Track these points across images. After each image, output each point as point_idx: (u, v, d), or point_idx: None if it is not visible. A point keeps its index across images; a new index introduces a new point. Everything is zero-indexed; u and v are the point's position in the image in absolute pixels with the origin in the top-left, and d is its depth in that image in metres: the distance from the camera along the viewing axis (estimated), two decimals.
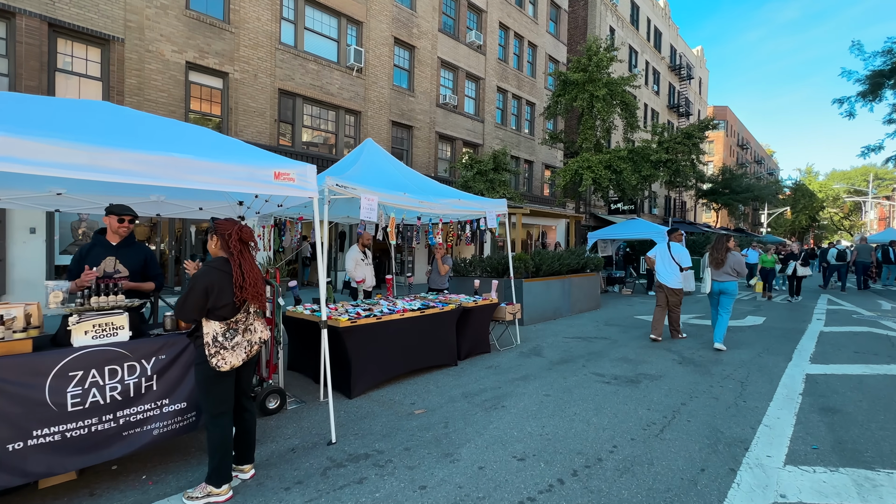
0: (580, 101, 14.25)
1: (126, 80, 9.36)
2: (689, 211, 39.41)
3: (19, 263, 8.24)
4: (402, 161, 15.58)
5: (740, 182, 33.15)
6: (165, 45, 9.85)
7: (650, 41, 31.96)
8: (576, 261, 9.92)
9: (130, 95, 9.43)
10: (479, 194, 11.85)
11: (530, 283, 8.59)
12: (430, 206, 5.56)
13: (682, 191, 34.59)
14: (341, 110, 13.35)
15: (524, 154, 20.61)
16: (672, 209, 36.11)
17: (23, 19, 8.25)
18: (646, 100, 31.11)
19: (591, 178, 13.37)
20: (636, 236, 13.72)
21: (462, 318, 5.73)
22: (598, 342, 6.91)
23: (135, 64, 9.46)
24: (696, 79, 40.74)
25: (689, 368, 5.40)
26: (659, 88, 33.44)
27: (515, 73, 20.04)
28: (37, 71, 8.39)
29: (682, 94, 36.66)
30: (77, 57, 9.02)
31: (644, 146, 13.99)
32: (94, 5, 8.96)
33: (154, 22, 9.68)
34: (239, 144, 3.29)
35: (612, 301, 12.13)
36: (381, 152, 6.51)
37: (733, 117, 55.08)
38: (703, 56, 43.28)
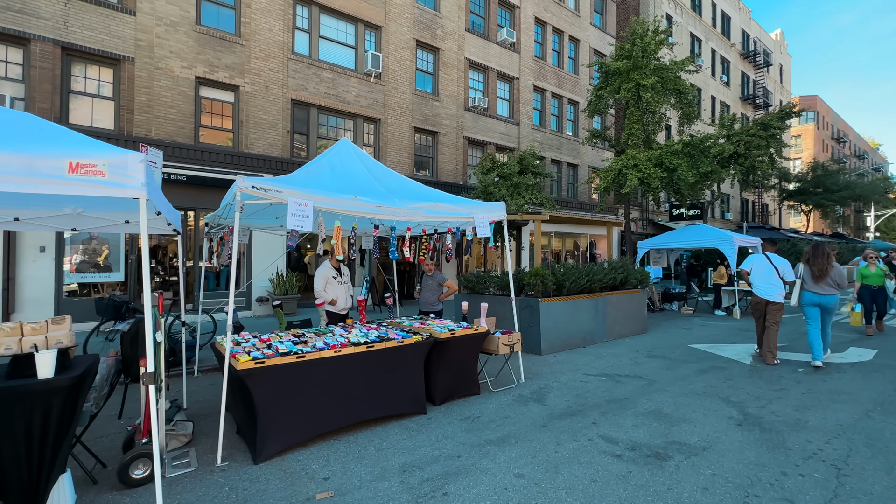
0: (624, 92, 12.47)
1: (136, 98, 9.39)
2: (772, 214, 34.55)
3: (29, 282, 8.32)
4: (427, 170, 14.78)
5: (836, 179, 28.38)
6: (175, 62, 9.82)
7: (716, 27, 28.68)
8: (612, 275, 8.24)
9: (140, 113, 9.44)
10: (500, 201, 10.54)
11: (549, 303, 7.11)
12: (391, 211, 4.45)
13: (760, 191, 30.35)
14: (359, 119, 12.77)
15: (567, 157, 18.87)
16: (750, 213, 31.79)
17: (37, 45, 8.49)
18: (713, 92, 27.80)
19: (638, 178, 11.49)
20: (697, 244, 11.54)
21: (438, 352, 4.52)
22: (629, 383, 5.30)
23: (144, 82, 9.48)
24: (776, 66, 36.06)
25: (751, 435, 3.71)
26: (729, 79, 29.82)
27: (555, 70, 18.51)
28: (49, 94, 8.59)
29: (759, 83, 32.47)
30: (90, 78, 9.18)
31: (703, 137, 11.83)
32: (105, 27, 9.10)
33: (164, 39, 9.69)
34: (33, 125, 2.42)
35: (666, 322, 10.12)
36: (353, 152, 5.55)
37: (825, 107, 48.24)
38: (783, 40, 38.33)
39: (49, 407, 2.29)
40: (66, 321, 2.58)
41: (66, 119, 8.88)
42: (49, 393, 2.29)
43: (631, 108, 12.71)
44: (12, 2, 8.27)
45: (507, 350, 5.06)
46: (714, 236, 11.08)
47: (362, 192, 4.54)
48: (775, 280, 6.16)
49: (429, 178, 14.19)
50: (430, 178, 14.22)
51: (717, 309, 11.61)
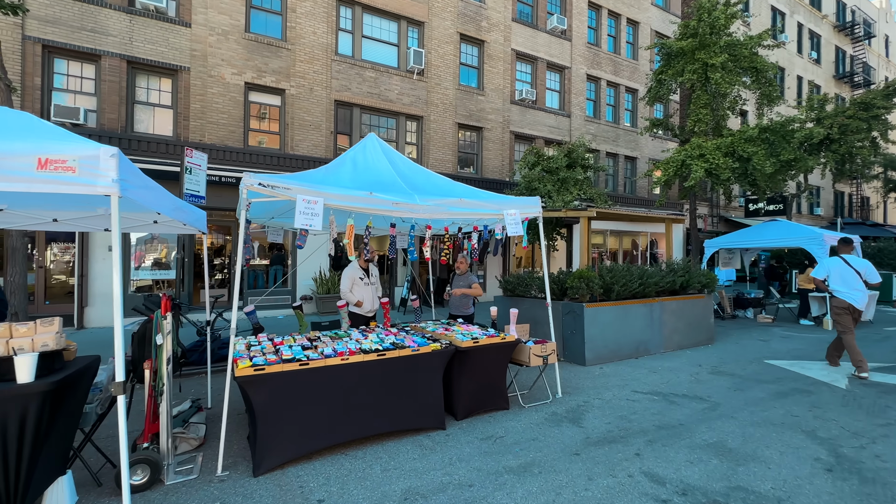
0: (689, 74, 11.20)
1: (191, 106, 9.92)
2: (874, 209, 30.04)
3: (99, 279, 9.06)
4: (471, 167, 14.34)
5: None
6: (226, 69, 10.26)
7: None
8: (671, 278, 7.33)
9: (194, 119, 9.96)
10: (545, 197, 9.86)
11: (595, 308, 6.43)
12: (409, 208, 4.12)
13: (859, 182, 26.46)
14: (401, 117, 12.65)
15: (624, 149, 17.55)
16: (846, 208, 27.85)
17: (106, 60, 9.21)
18: (799, 71, 24.65)
19: (704, 169, 10.23)
20: (777, 243, 10.08)
21: (460, 362, 4.12)
22: (685, 405, 4.55)
23: (199, 90, 9.99)
24: (879, 37, 31.27)
25: (846, 486, 2.93)
26: (819, 55, 26.29)
27: (610, 57, 17.26)
28: (117, 105, 9.29)
29: (858, 58, 28.30)
30: (151, 88, 9.84)
31: (785, 120, 10.27)
32: (164, 39, 9.69)
33: (216, 48, 10.16)
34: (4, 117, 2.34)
35: (737, 332, 8.90)
36: (378, 147, 5.31)
37: None
38: (889, 6, 33.13)
39: (25, 412, 2.21)
40: (56, 323, 2.52)
41: (132, 128, 9.57)
42: (25, 397, 2.21)
43: (697, 91, 11.39)
44: (86, 22, 9.03)
45: (539, 361, 4.54)
46: (799, 234, 9.59)
47: (382, 189, 4.26)
48: (858, 285, 5.72)
49: (473, 176, 13.77)
50: (475, 176, 13.80)
51: (802, 318, 10.07)
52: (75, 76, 9.16)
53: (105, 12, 9.19)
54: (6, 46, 8.35)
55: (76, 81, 9.17)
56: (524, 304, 7.65)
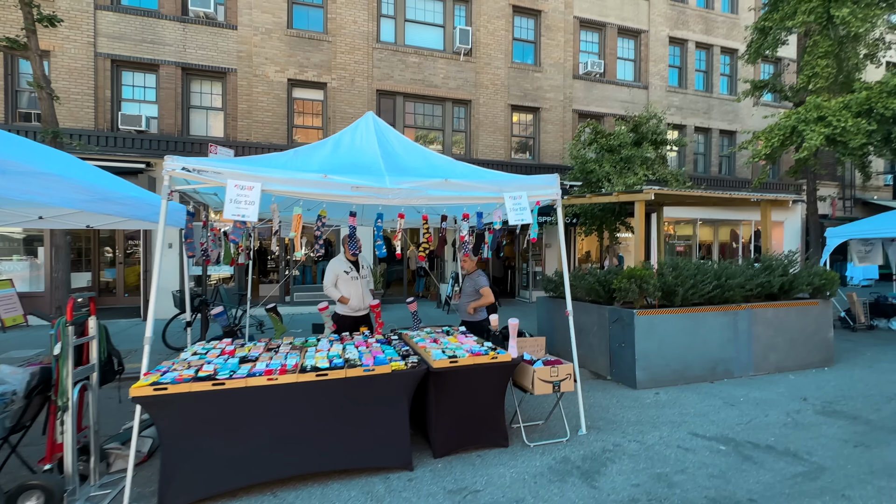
0: (802, 16, 8.72)
1: (238, 106, 10.20)
2: None
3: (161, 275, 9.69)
4: (528, 153, 12.98)
5: None
6: (270, 68, 10.37)
7: None
8: (766, 278, 5.55)
9: (241, 119, 10.22)
10: (602, 181, 8.30)
11: (651, 316, 5.05)
12: (373, 192, 3.33)
13: None
14: (448, 102, 11.85)
15: (718, 122, 14.74)
16: None
17: (164, 68, 9.80)
18: None
19: (825, 135, 7.80)
20: None
21: (438, 386, 3.26)
22: (769, 464, 3.14)
23: (245, 90, 10.23)
24: None
25: None
26: None
27: (700, 13, 14.56)
28: (173, 110, 9.85)
29: None
30: (204, 92, 10.29)
31: None
32: (213, 44, 10.06)
33: (260, 48, 10.31)
34: None
35: (872, 350, 6.63)
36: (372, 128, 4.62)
37: None
38: None
39: None
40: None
41: (188, 131, 10.10)
42: None
43: (815, 36, 8.81)
44: (146, 34, 9.67)
45: (547, 389, 3.46)
46: None
47: (354, 172, 3.55)
48: None
49: (530, 162, 12.50)
50: (532, 162, 12.50)
51: None
52: (139, 86, 9.88)
53: (162, 24, 9.76)
54: (81, 64, 9.23)
55: (139, 91, 9.89)
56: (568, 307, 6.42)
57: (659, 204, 8.46)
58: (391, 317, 9.54)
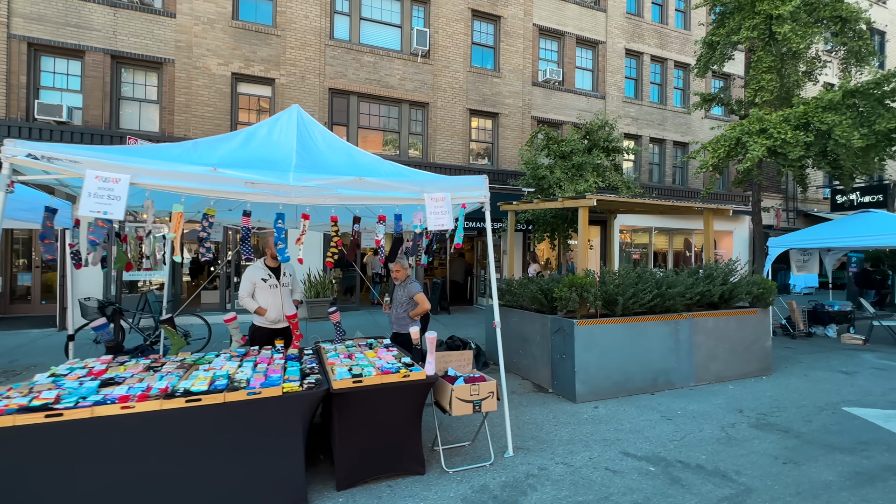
0: (746, 31, 8.98)
1: (176, 99, 9.50)
2: None
3: (82, 279, 8.81)
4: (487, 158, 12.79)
5: None
6: (212, 60, 9.74)
7: None
8: (705, 287, 5.50)
9: (179, 113, 9.52)
10: (554, 187, 8.21)
11: (591, 326, 4.86)
12: (271, 189, 2.94)
13: None
14: (404, 104, 11.54)
15: (672, 134, 15.14)
16: None
17: (90, 55, 8.99)
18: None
19: (766, 147, 8.01)
20: (866, 242, 7.66)
21: (341, 409, 2.88)
22: (697, 486, 2.94)
23: (183, 82, 9.55)
24: None
25: None
26: None
27: (655, 27, 14.97)
28: (101, 101, 9.05)
29: None
30: (137, 83, 9.53)
31: (880, 77, 7.75)
32: (148, 32, 9.34)
33: (201, 38, 9.67)
34: None
35: (809, 358, 6.74)
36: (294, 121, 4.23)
37: None
38: None
39: None
40: None
41: (117, 124, 9.30)
42: None
43: (759, 52, 9.10)
44: (70, 17, 8.86)
45: (466, 409, 3.15)
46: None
47: (258, 167, 3.16)
48: None
49: (489, 168, 12.35)
50: (491, 168, 12.36)
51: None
52: (61, 73, 9.03)
53: (89, 6, 8.98)
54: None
55: (62, 79, 9.03)
56: (513, 317, 6.19)
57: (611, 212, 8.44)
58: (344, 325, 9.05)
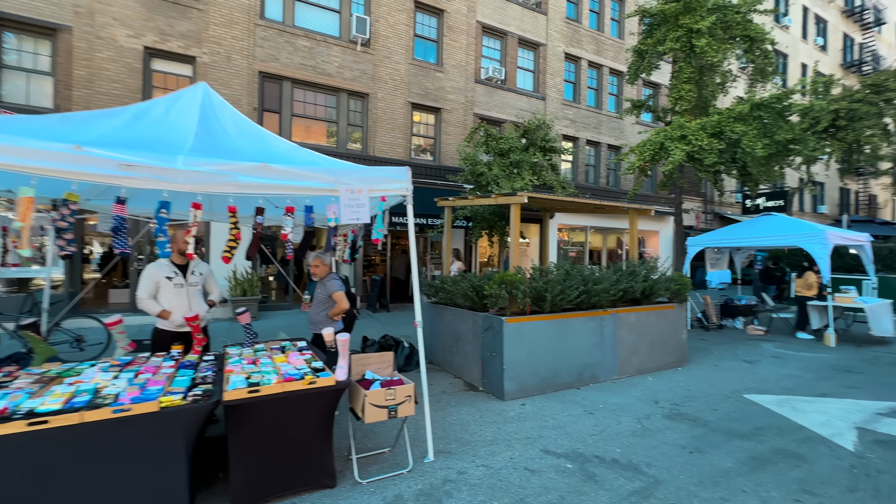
0: (670, 42, 9.56)
1: (74, 73, 8.36)
2: (882, 208, 28.27)
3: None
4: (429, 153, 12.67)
5: None
6: (119, 30, 8.69)
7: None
8: (628, 283, 5.72)
9: (79, 88, 8.40)
10: (492, 184, 8.25)
11: (520, 324, 4.85)
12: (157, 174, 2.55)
13: (867, 179, 24.73)
14: (343, 93, 11.06)
15: (607, 137, 15.89)
16: (851, 206, 26.11)
17: None
18: (803, 58, 22.90)
19: (686, 152, 8.59)
20: (772, 242, 8.45)
21: (238, 423, 2.56)
22: (610, 481, 2.96)
23: (84, 54, 8.43)
24: (891, 25, 29.40)
25: None
26: (826, 42, 24.51)
27: (593, 35, 15.59)
28: None
29: (868, 46, 26.50)
30: (25, 51, 8.27)
31: (782, 93, 8.62)
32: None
33: (106, 5, 8.58)
34: None
35: (719, 348, 7.29)
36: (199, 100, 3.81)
37: None
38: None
39: None
40: None
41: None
42: None
43: (680, 63, 9.74)
44: None
45: (381, 416, 2.95)
46: (797, 230, 7.96)
47: (144, 148, 2.74)
48: None
49: (431, 163, 12.18)
50: (433, 163, 12.20)
51: (800, 331, 8.44)
52: None
53: None
54: None
55: None
56: (446, 314, 6.08)
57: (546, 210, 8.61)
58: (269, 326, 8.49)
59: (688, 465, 3.25)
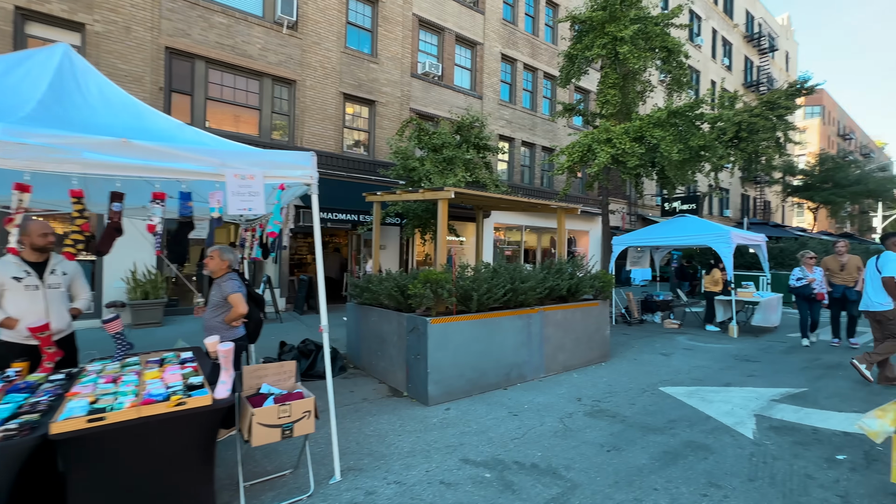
0: (597, 48, 9.92)
1: None
2: (774, 212, 32.05)
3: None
4: (363, 148, 12.16)
5: (847, 173, 25.91)
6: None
7: (718, 4, 26.08)
8: (554, 281, 5.74)
9: None
10: (424, 180, 8.02)
11: (445, 324, 4.63)
12: None
13: (763, 186, 27.85)
14: (266, 78, 10.23)
15: (541, 139, 16.33)
16: (751, 210, 29.31)
17: None
18: (713, 76, 25.26)
19: (611, 155, 8.96)
20: (684, 241, 9.05)
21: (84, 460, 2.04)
22: (528, 489, 2.81)
23: None
24: (781, 52, 33.47)
25: None
26: (731, 62, 27.26)
27: (528, 38, 15.93)
28: None
29: (763, 69, 29.87)
30: None
31: (694, 102, 9.31)
32: None
33: None
34: None
35: (640, 343, 7.64)
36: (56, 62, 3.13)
37: (831, 102, 45.65)
38: (790, 25, 35.72)
39: None
40: None
41: None
42: None
43: (606, 69, 10.17)
44: None
45: (273, 436, 2.56)
46: (705, 230, 8.58)
47: None
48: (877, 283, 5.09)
49: (365, 157, 11.68)
50: (367, 157, 11.71)
51: (708, 324, 9.13)
52: None
53: None
54: None
55: None
56: (372, 316, 5.73)
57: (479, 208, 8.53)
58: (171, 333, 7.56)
59: (605, 465, 3.20)
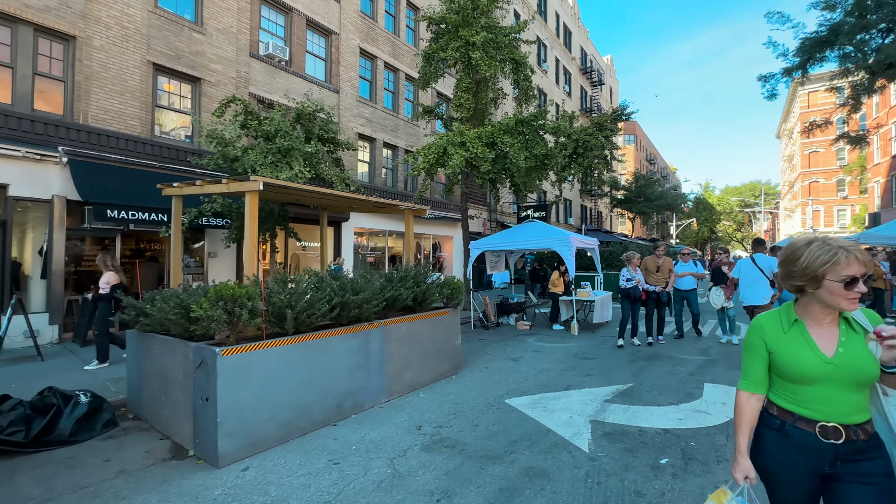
0: (451, 51, 9.80)
1: None
2: (605, 221, 37.73)
3: None
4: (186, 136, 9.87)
5: (654, 189, 31.82)
6: None
7: (560, 38, 29.57)
8: (397, 291, 5.06)
9: None
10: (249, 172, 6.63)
11: (246, 353, 3.53)
12: None
13: (596, 199, 32.44)
14: (26, 26, 7.51)
15: (403, 142, 15.90)
16: (588, 219, 33.91)
17: None
18: (557, 99, 28.43)
19: (465, 158, 8.86)
20: (532, 245, 9.41)
21: None
22: None
23: None
24: (607, 87, 39.76)
25: None
26: (571, 89, 31.16)
27: (389, 36, 15.40)
28: None
29: (595, 99, 35.00)
30: None
31: (539, 113, 9.87)
32: None
33: None
34: None
35: (492, 348, 7.50)
36: None
37: (642, 133, 56.24)
38: (613, 66, 42.79)
39: None
40: None
41: None
42: None
43: (460, 73, 10.15)
44: None
45: None
46: (550, 235, 9.02)
47: None
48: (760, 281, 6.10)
49: (185, 146, 9.53)
50: (189, 146, 9.57)
51: (554, 323, 9.63)
52: None
53: None
54: None
55: None
56: (155, 347, 4.23)
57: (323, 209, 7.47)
58: None
59: None
